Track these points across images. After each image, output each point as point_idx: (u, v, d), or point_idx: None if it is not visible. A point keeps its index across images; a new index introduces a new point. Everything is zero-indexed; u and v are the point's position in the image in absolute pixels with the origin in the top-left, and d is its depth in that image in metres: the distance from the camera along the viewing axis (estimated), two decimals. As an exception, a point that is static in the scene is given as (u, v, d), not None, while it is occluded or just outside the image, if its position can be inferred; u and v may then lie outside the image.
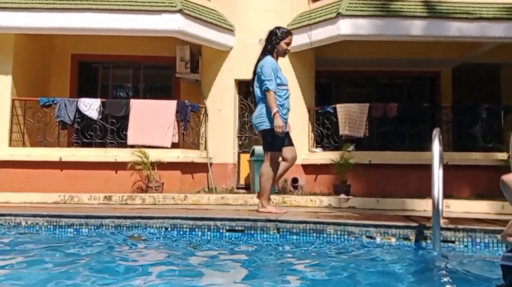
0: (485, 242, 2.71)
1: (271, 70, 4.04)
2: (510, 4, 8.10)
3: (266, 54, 4.19)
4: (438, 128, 3.00)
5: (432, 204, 2.67)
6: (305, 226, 3.28)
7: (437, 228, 2.63)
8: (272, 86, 4.01)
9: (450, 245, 2.82)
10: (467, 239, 2.80)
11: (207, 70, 8.71)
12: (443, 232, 2.79)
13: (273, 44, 4.17)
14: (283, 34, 4.21)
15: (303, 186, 8.17)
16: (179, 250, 3.05)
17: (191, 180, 7.94)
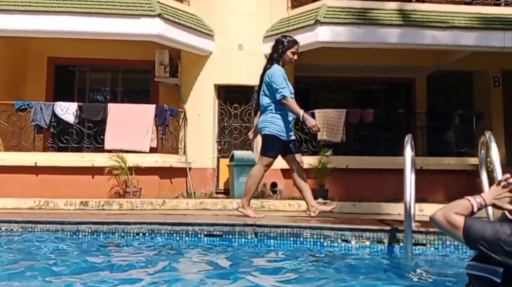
0: (455, 245, 2.81)
1: (282, 78, 4.08)
2: (481, 14, 8.41)
3: (273, 63, 4.21)
4: (410, 134, 3.09)
5: (404, 208, 2.75)
6: (283, 230, 3.33)
7: (409, 231, 2.72)
8: (287, 93, 4.06)
9: (422, 248, 2.92)
10: (438, 242, 2.90)
11: (186, 75, 8.71)
12: (415, 235, 2.88)
13: (279, 53, 4.20)
14: (290, 43, 4.22)
15: (282, 190, 8.23)
16: (157, 255, 3.04)
17: (169, 184, 7.90)
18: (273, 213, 6.02)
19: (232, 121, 8.68)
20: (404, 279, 2.35)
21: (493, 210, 2.92)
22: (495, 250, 1.69)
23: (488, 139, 2.88)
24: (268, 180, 8.25)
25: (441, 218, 1.80)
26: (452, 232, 1.80)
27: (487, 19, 8.27)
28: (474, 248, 1.75)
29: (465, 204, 1.81)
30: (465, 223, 1.74)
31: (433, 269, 2.54)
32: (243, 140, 8.69)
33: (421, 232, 2.93)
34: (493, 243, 1.69)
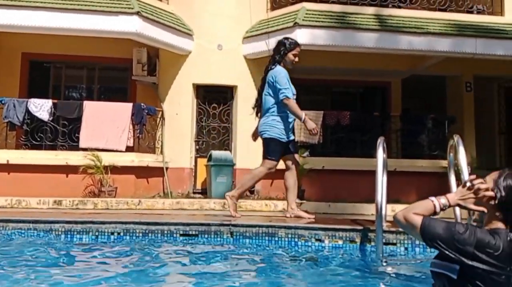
0: (423, 245, 2.90)
1: (285, 79, 4.09)
2: (455, 21, 8.67)
3: (275, 64, 4.22)
4: (382, 137, 3.18)
5: (376, 209, 2.83)
6: (258, 230, 3.36)
7: (379, 231, 2.80)
8: (290, 94, 4.07)
9: (392, 247, 3.01)
10: (408, 241, 2.99)
11: (164, 74, 8.65)
12: (386, 235, 2.96)
13: (281, 54, 4.21)
14: (291, 45, 4.21)
15: (259, 190, 8.27)
16: (131, 255, 3.03)
17: (146, 184, 7.84)
18: (249, 213, 6.05)
19: (210, 121, 8.67)
20: (374, 277, 2.42)
21: (460, 210, 3.03)
22: (449, 247, 1.79)
23: (456, 143, 2.99)
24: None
25: (401, 217, 1.88)
26: (411, 231, 1.89)
27: (461, 26, 8.54)
28: (431, 246, 1.85)
29: (427, 204, 1.89)
30: (422, 222, 1.82)
31: (403, 268, 2.63)
32: (221, 140, 8.70)
33: (392, 231, 3.02)
34: (447, 241, 1.79)
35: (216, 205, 6.53)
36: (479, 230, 1.80)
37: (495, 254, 1.73)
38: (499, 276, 1.74)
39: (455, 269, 1.78)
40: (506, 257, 1.74)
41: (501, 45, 8.41)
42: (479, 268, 1.74)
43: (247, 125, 8.62)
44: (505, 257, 1.74)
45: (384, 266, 2.69)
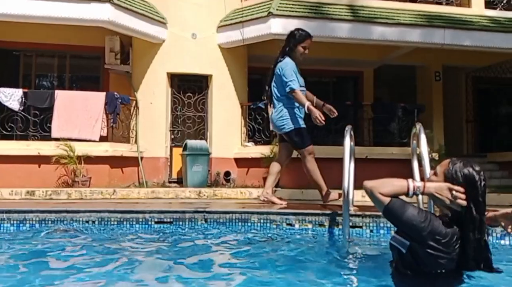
0: (387, 227, 3.07)
1: (292, 71, 4.13)
2: (424, 12, 8.90)
3: (284, 56, 4.24)
4: (350, 125, 3.32)
5: (342, 194, 2.97)
6: (231, 216, 3.46)
7: (346, 215, 2.94)
8: (296, 86, 4.11)
9: (359, 230, 3.16)
10: (373, 224, 3.15)
11: (138, 62, 8.58)
12: (352, 218, 3.11)
13: (290, 47, 4.22)
14: (301, 38, 4.22)
15: (235, 179, 8.37)
16: (106, 243, 3.08)
17: (120, 174, 7.81)
18: (225, 200, 6.14)
19: (185, 110, 8.67)
20: (340, 258, 2.56)
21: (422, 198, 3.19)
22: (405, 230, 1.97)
23: (418, 131, 3.15)
24: (222, 169, 8.37)
25: (369, 191, 2.02)
26: (374, 203, 2.03)
27: (430, 17, 8.77)
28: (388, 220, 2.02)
29: (402, 185, 2.00)
30: (387, 205, 1.98)
31: (368, 249, 2.78)
32: (196, 129, 8.72)
33: (358, 215, 3.18)
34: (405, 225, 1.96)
35: (192, 193, 6.59)
36: (434, 219, 1.95)
37: (443, 241, 1.90)
38: (442, 258, 1.91)
39: (406, 244, 1.95)
40: (452, 243, 1.91)
41: (468, 36, 8.69)
42: (426, 251, 1.91)
43: (223, 114, 8.70)
44: (450, 243, 1.91)
45: (350, 247, 2.84)
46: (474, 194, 1.94)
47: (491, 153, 9.87)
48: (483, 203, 1.97)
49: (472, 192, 1.94)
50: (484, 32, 8.71)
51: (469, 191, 1.94)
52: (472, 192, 1.94)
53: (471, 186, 1.95)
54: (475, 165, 1.99)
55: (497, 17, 9.36)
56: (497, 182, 8.46)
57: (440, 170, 2.03)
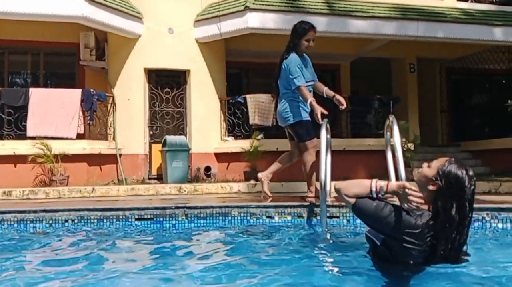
0: (363, 216, 3.16)
1: (296, 68, 4.11)
2: (399, 5, 9.05)
3: (289, 52, 4.22)
4: (326, 119, 3.39)
5: (320, 185, 3.04)
6: (212, 211, 3.50)
7: (324, 206, 3.02)
8: (301, 82, 4.10)
9: (336, 220, 3.25)
10: (350, 214, 3.24)
11: (114, 58, 8.46)
12: (330, 209, 3.20)
13: (295, 42, 4.19)
14: (303, 31, 4.16)
15: (215, 173, 8.39)
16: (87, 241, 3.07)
17: (99, 172, 7.73)
18: (206, 195, 6.16)
19: (164, 106, 8.63)
20: (318, 248, 2.64)
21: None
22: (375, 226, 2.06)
23: (391, 123, 3.24)
24: (202, 164, 8.37)
25: (338, 191, 2.17)
26: (345, 203, 2.18)
27: (404, 9, 8.93)
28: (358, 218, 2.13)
29: (365, 185, 2.10)
30: (353, 204, 2.11)
31: (344, 238, 2.88)
32: (175, 125, 8.68)
33: (335, 206, 3.26)
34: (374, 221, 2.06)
35: (172, 189, 6.58)
36: (403, 213, 2.00)
37: (414, 232, 1.96)
38: (414, 250, 1.99)
39: (380, 237, 2.02)
40: (423, 235, 1.97)
41: (441, 28, 8.89)
42: (399, 243, 1.99)
43: (202, 109, 8.67)
44: (422, 235, 1.97)
45: (328, 236, 2.92)
46: (459, 196, 1.97)
47: (464, 142, 10.16)
48: (469, 208, 1.99)
49: (458, 194, 1.97)
50: (456, 24, 8.93)
51: (455, 191, 1.97)
52: (458, 194, 1.97)
53: (459, 188, 1.98)
54: (469, 170, 2.03)
55: (469, 9, 9.60)
56: (470, 170, 8.72)
57: (436, 164, 2.05)
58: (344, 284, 1.97)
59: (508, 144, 8.72)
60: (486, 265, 2.14)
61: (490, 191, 5.79)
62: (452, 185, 1.98)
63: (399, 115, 8.93)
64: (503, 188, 5.80)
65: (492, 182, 6.09)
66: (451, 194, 1.97)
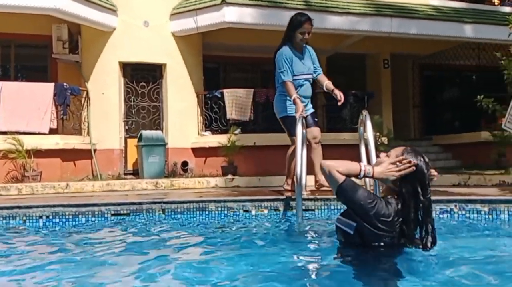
0: (338, 209, 3.25)
1: (283, 62, 4.05)
2: (374, 1, 9.20)
3: (283, 44, 4.15)
4: (301, 115, 3.44)
5: (296, 179, 3.10)
6: (189, 205, 3.51)
7: (299, 199, 3.08)
8: (286, 77, 4.04)
9: (311, 212, 3.33)
10: (324, 207, 3.32)
11: (88, 51, 8.30)
12: (305, 202, 3.26)
13: (290, 34, 4.12)
14: (298, 24, 4.08)
15: (193, 168, 8.37)
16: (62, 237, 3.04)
17: (73, 167, 7.60)
18: (183, 190, 6.15)
19: (139, 100, 8.53)
20: (294, 240, 2.70)
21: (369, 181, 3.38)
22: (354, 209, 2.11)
23: (365, 118, 3.32)
24: (179, 159, 8.33)
25: (326, 169, 2.17)
26: (330, 182, 2.18)
27: (378, 6, 9.08)
28: (341, 201, 2.16)
29: (355, 167, 2.18)
30: (342, 182, 2.13)
31: (319, 229, 2.95)
32: (152, 119, 8.60)
33: (310, 199, 3.33)
34: (355, 205, 2.11)
35: (149, 185, 6.54)
36: (380, 201, 2.12)
37: (387, 220, 2.09)
38: (386, 237, 2.10)
39: (352, 225, 2.10)
40: (393, 223, 2.10)
41: (414, 25, 9.09)
42: (372, 230, 2.08)
43: (178, 103, 8.61)
44: (393, 223, 2.10)
45: (304, 229, 2.99)
46: (421, 180, 2.13)
47: (436, 136, 10.45)
48: (429, 189, 2.17)
49: (420, 178, 2.13)
50: (428, 21, 9.14)
51: (418, 177, 2.12)
52: (420, 178, 2.13)
53: (420, 172, 2.14)
54: (425, 156, 2.20)
55: (441, 6, 9.85)
56: (441, 164, 9.00)
57: (394, 153, 2.21)
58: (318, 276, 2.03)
59: (477, 138, 9.02)
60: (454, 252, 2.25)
61: (460, 183, 6.00)
62: (414, 170, 2.11)
63: (373, 110, 9.15)
64: (472, 180, 6.01)
65: (461, 175, 6.31)
66: (414, 179, 2.10)
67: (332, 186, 2.18)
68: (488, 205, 3.28)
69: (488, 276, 1.84)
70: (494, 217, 3.27)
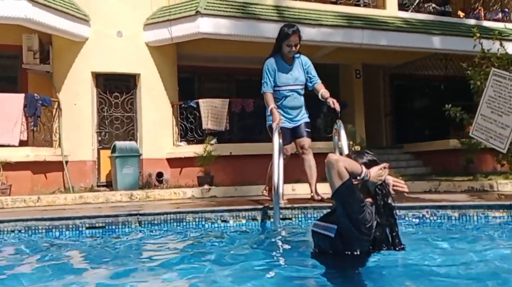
0: (314, 217, 3.30)
1: (265, 73, 4.05)
2: (345, 13, 9.43)
3: (272, 54, 4.11)
4: (278, 124, 3.48)
5: (273, 188, 3.13)
6: (166, 217, 3.48)
7: (277, 208, 3.11)
8: (265, 88, 4.04)
9: (288, 221, 3.36)
10: (301, 215, 3.36)
11: (59, 62, 8.15)
12: (283, 211, 3.30)
13: (279, 45, 4.06)
14: (284, 36, 4.05)
15: (168, 179, 8.29)
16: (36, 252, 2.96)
17: (44, 180, 7.40)
18: (158, 202, 6.08)
19: (113, 110, 8.41)
20: (272, 249, 2.72)
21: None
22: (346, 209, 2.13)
23: (339, 127, 3.40)
24: (154, 170, 8.24)
25: (335, 162, 2.13)
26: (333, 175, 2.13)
27: (350, 18, 9.32)
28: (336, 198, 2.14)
29: (357, 168, 2.22)
30: (347, 180, 2.13)
31: (296, 237, 2.98)
32: (125, 130, 8.49)
33: (288, 208, 3.37)
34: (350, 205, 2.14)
35: (123, 196, 6.43)
36: (366, 205, 2.17)
37: (367, 225, 2.14)
38: (364, 241, 2.16)
39: (333, 228, 2.13)
40: (370, 227, 2.15)
41: (384, 36, 9.36)
42: (355, 233, 2.12)
43: (153, 114, 8.54)
44: (371, 227, 2.15)
45: (282, 237, 3.02)
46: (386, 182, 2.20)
47: (407, 144, 10.73)
48: None
49: None
50: (398, 32, 9.44)
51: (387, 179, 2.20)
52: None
53: None
54: (368, 152, 2.33)
55: (409, 18, 10.19)
56: (412, 171, 9.24)
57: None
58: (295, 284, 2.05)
59: (446, 146, 9.32)
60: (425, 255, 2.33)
61: (431, 190, 6.17)
62: None
63: (347, 119, 9.29)
64: (442, 187, 6.20)
65: (432, 182, 6.49)
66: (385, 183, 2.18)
67: (334, 182, 2.12)
68: (458, 211, 3.40)
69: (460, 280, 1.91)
70: (464, 222, 3.39)
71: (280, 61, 4.20)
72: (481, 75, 6.93)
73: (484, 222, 3.35)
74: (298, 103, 4.31)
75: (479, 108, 6.45)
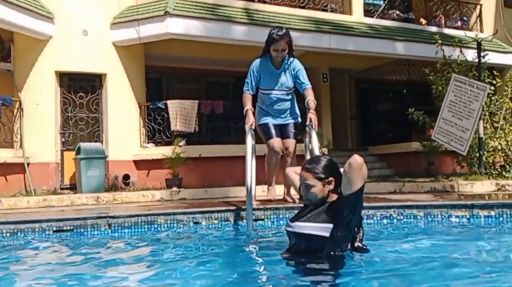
0: (286, 217, 3.34)
1: (249, 73, 4.02)
2: (313, 18, 9.59)
3: (261, 55, 4.02)
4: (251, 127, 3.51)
5: (246, 190, 3.15)
6: (137, 219, 3.42)
7: (249, 209, 3.13)
8: (245, 89, 4.01)
9: (261, 222, 3.39)
10: (274, 216, 3.40)
11: (21, 60, 7.85)
12: (255, 212, 3.32)
13: (267, 48, 3.97)
14: (271, 40, 3.93)
15: (135, 182, 8.14)
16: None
17: (4, 182, 7.11)
18: (126, 204, 5.96)
19: (77, 111, 8.18)
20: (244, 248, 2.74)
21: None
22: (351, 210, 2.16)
23: (310, 129, 3.47)
24: (120, 172, 8.07)
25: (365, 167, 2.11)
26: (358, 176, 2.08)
27: (317, 22, 9.49)
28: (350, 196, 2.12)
29: None
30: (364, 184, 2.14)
31: (267, 238, 3.01)
32: (91, 131, 8.28)
33: (260, 209, 3.40)
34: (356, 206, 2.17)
35: (89, 199, 6.27)
36: None
37: (356, 225, 2.24)
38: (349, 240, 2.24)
39: (329, 228, 2.16)
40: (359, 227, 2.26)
41: (351, 41, 9.60)
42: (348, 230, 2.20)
43: (119, 115, 8.37)
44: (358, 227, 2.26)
45: (255, 238, 3.04)
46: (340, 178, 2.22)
47: (371, 146, 11.02)
48: None
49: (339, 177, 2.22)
50: (363, 38, 9.71)
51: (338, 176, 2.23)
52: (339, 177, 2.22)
53: (336, 171, 2.26)
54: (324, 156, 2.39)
55: (374, 24, 10.49)
56: (377, 173, 9.50)
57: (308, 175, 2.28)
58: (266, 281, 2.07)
59: (409, 148, 9.65)
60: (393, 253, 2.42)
61: (395, 190, 6.38)
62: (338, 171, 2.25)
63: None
64: (406, 187, 6.42)
65: (396, 183, 6.71)
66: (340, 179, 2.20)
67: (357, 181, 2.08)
68: (423, 210, 3.54)
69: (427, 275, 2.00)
70: (429, 221, 3.53)
71: (269, 64, 4.13)
72: (443, 81, 7.26)
73: (447, 221, 3.50)
74: (284, 107, 4.28)
75: (440, 112, 6.76)
